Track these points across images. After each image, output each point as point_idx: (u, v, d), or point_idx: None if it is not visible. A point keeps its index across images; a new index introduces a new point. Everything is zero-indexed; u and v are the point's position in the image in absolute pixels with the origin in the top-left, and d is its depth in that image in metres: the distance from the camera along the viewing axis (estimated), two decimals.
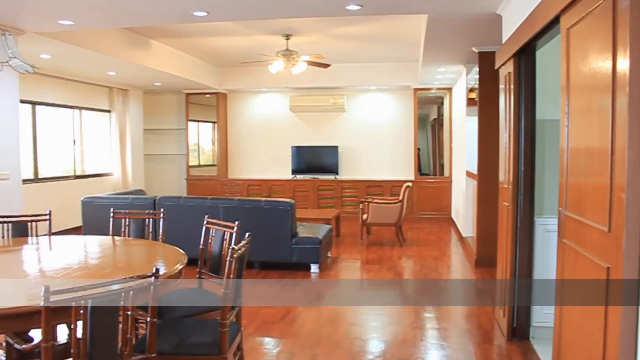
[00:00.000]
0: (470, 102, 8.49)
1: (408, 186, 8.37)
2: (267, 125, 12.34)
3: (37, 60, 7.54)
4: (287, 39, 8.27)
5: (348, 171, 11.91)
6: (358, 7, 5.07)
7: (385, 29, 7.87)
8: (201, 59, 10.53)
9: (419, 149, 11.52)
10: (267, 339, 4.45)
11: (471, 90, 8.59)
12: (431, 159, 12.13)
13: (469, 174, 8.07)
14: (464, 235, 8.63)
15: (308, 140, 12.04)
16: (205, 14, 5.34)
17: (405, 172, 11.65)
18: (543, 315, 4.14)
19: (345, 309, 5.31)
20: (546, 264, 4.06)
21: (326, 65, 8.93)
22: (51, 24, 5.69)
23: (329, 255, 7.46)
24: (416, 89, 11.29)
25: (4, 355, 3.32)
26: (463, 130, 8.68)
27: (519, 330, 4.26)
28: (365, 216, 8.35)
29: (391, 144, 11.80)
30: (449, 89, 11.12)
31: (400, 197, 8.20)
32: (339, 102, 11.78)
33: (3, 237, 4.18)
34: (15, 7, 5.03)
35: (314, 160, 11.88)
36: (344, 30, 7.94)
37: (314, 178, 11.76)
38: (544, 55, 4.08)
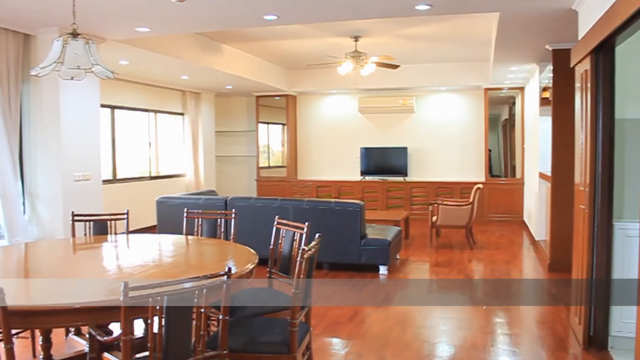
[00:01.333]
0: (543, 101, 8.24)
1: (479, 188, 8.20)
2: (335, 126, 12.38)
3: (116, 66, 7.88)
4: (356, 41, 8.28)
5: (417, 172, 11.78)
6: (428, 7, 5.01)
7: (455, 29, 7.74)
8: (271, 61, 10.70)
9: (489, 150, 11.25)
10: (335, 340, 4.47)
11: (545, 89, 8.33)
12: (502, 161, 11.83)
13: (542, 175, 7.83)
14: (536, 238, 8.37)
15: (377, 141, 11.99)
16: (275, 17, 5.43)
17: (475, 173, 11.42)
18: (623, 325, 3.94)
19: (413, 311, 5.26)
20: (626, 271, 3.87)
21: (395, 66, 8.88)
22: (129, 32, 5.95)
23: (398, 257, 7.41)
24: (487, 89, 11.04)
25: (88, 345, 3.50)
26: (536, 131, 8.42)
27: (597, 339, 4.08)
28: (434, 218, 8.24)
29: (461, 145, 11.59)
30: (521, 89, 10.81)
31: (471, 199, 8.04)
32: (408, 103, 11.67)
33: (85, 234, 4.40)
34: (99, 17, 5.30)
35: (383, 162, 11.83)
36: (412, 31, 7.87)
37: (383, 179, 11.71)
38: (624, 50, 3.91)
